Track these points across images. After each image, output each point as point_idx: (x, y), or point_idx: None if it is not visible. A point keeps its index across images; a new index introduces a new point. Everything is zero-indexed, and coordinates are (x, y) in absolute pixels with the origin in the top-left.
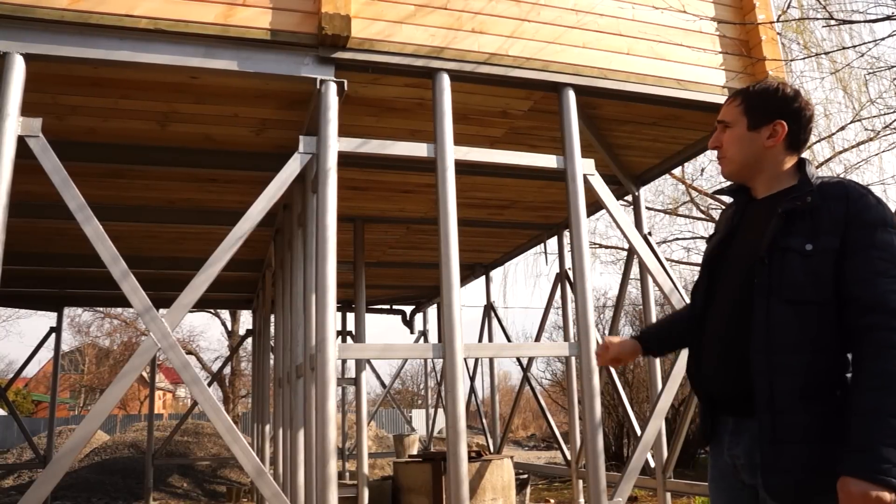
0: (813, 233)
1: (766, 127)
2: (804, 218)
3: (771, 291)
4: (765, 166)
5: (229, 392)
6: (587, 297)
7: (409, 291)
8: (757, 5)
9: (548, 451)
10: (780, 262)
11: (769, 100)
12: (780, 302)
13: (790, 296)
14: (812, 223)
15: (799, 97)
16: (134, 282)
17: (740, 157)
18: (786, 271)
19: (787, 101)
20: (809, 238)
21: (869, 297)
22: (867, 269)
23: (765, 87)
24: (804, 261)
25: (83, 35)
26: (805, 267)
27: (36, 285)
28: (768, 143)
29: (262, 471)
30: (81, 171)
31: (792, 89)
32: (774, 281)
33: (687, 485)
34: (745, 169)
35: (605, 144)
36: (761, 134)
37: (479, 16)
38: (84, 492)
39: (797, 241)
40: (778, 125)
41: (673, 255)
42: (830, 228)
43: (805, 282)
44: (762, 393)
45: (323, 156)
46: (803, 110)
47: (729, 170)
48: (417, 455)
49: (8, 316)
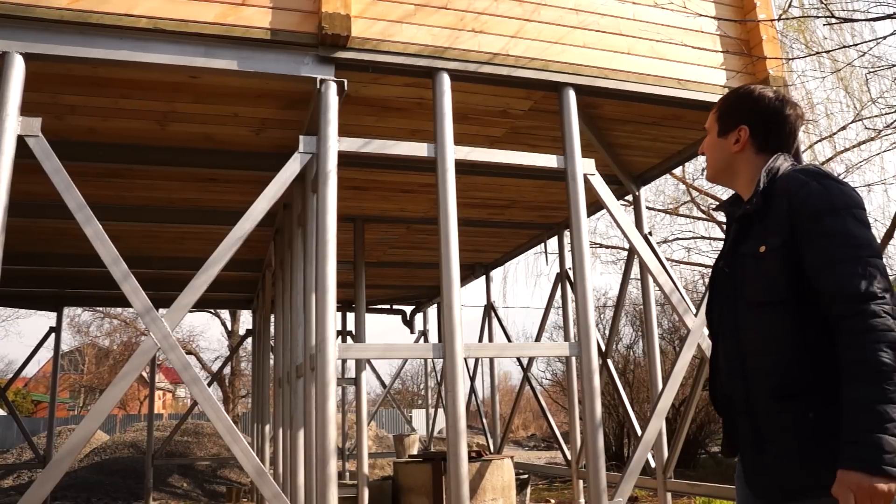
0: (765, 235)
1: (733, 132)
2: (758, 221)
3: (736, 298)
4: (738, 171)
5: (229, 392)
6: (587, 296)
7: (410, 291)
8: (758, 4)
9: (548, 451)
10: (741, 268)
11: (735, 105)
12: (745, 307)
13: (751, 299)
14: (764, 225)
15: (764, 100)
16: (134, 282)
17: (714, 162)
18: (745, 276)
19: (751, 105)
20: (762, 241)
21: (830, 288)
22: (822, 259)
23: (734, 93)
24: (758, 263)
25: (83, 34)
26: (759, 269)
27: (36, 285)
28: (734, 148)
29: (263, 471)
30: (81, 170)
31: (761, 93)
32: (738, 287)
33: (688, 485)
34: (720, 173)
35: (606, 144)
36: (729, 139)
37: (481, 16)
38: (84, 492)
39: (751, 245)
40: (741, 130)
41: (673, 255)
42: (776, 226)
43: (761, 284)
44: (739, 396)
45: (323, 156)
46: (771, 113)
47: (708, 174)
48: (417, 455)
49: (8, 316)
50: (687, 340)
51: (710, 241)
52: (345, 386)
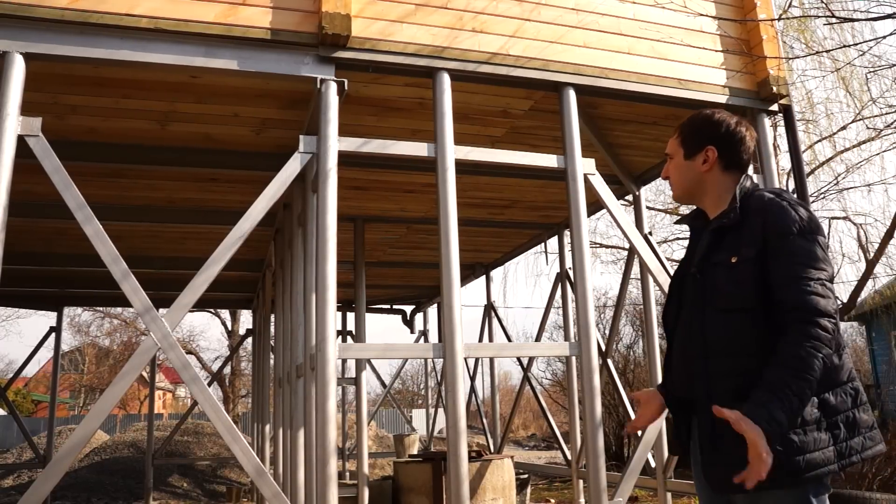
0: (736, 246)
1: (700, 154)
2: (731, 233)
3: (705, 302)
4: (707, 189)
5: (229, 392)
6: (588, 296)
7: (410, 291)
8: (758, 4)
9: (548, 450)
10: (712, 275)
11: (699, 129)
12: (713, 311)
13: (720, 304)
14: (737, 237)
15: (725, 122)
16: (134, 282)
17: (683, 183)
18: (716, 283)
19: (715, 127)
20: (734, 251)
21: (790, 300)
22: (786, 274)
23: (695, 118)
24: (729, 272)
25: (83, 34)
26: (730, 277)
27: (36, 285)
28: (703, 168)
29: (263, 471)
30: (82, 170)
31: (720, 116)
32: (708, 292)
33: (688, 485)
34: (688, 193)
35: (606, 144)
36: (696, 161)
37: (480, 15)
38: (84, 492)
39: (724, 255)
40: (709, 151)
41: (674, 255)
42: (750, 240)
43: (731, 291)
44: (701, 394)
45: (323, 155)
46: (732, 134)
47: (676, 195)
48: (418, 455)
49: (8, 316)
50: None
51: None
52: (345, 386)
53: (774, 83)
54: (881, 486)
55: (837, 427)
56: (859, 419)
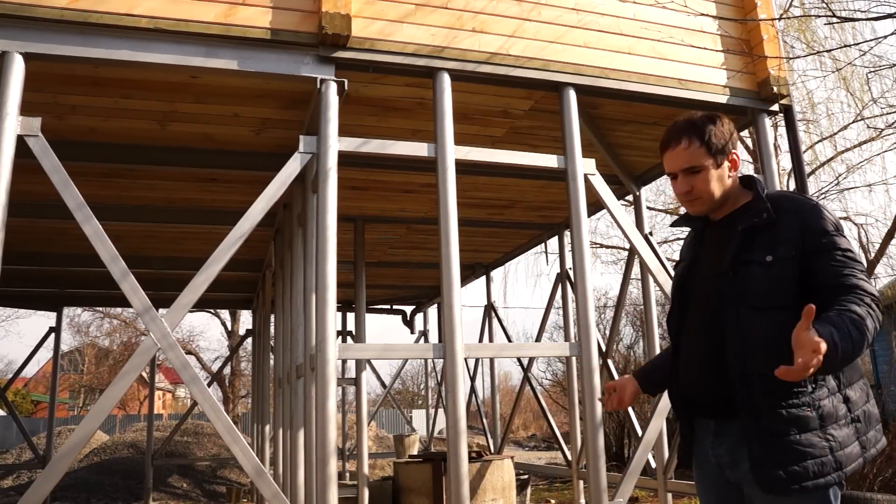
0: (771, 245)
1: (727, 160)
2: (762, 232)
3: (739, 301)
4: (728, 193)
5: (229, 392)
6: (588, 297)
7: (410, 291)
8: (759, 3)
9: (548, 451)
10: (745, 273)
11: (721, 135)
12: (748, 310)
13: (756, 303)
14: (770, 236)
15: (728, 120)
16: (133, 281)
17: (718, 194)
18: (750, 281)
19: (729, 130)
20: (769, 250)
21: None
22: (838, 268)
23: (712, 125)
24: (765, 270)
25: (83, 34)
26: (767, 276)
27: (36, 285)
28: (732, 174)
29: (262, 471)
30: (82, 170)
31: (720, 116)
32: (741, 291)
33: (688, 485)
34: (716, 203)
35: (606, 144)
36: (724, 168)
37: (479, 15)
38: (84, 492)
39: (758, 254)
40: (734, 155)
41: (674, 255)
42: (787, 239)
43: (768, 289)
44: (742, 396)
45: (323, 155)
46: (732, 131)
47: (704, 208)
48: (418, 455)
49: (7, 316)
50: None
51: None
52: (345, 386)
53: (775, 83)
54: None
55: (859, 421)
56: (871, 413)
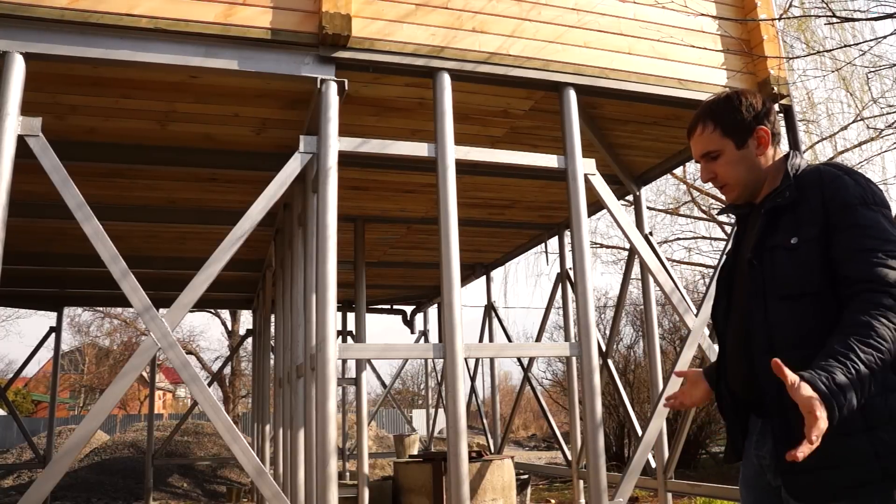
0: (796, 226)
1: (752, 138)
2: (787, 213)
3: (766, 291)
4: (763, 174)
5: (229, 392)
6: (588, 297)
7: (410, 291)
8: (759, 3)
9: (548, 451)
10: (770, 260)
11: (740, 112)
12: (775, 300)
13: (783, 291)
14: (794, 217)
15: (754, 95)
16: (134, 281)
17: (744, 178)
18: (776, 268)
19: (753, 105)
20: (793, 232)
21: (857, 273)
22: (852, 247)
23: (728, 104)
24: (791, 255)
25: (83, 34)
26: (792, 260)
27: (36, 285)
28: (759, 152)
29: (262, 471)
30: (82, 170)
31: (742, 93)
32: (767, 280)
33: (688, 485)
34: (749, 188)
35: (606, 144)
36: (749, 148)
37: (479, 15)
38: (84, 492)
39: (782, 237)
40: (761, 131)
41: (674, 255)
42: (810, 218)
43: (795, 275)
44: (771, 393)
45: (323, 155)
46: (764, 105)
47: (736, 194)
48: (418, 455)
49: (8, 316)
50: (687, 340)
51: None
52: (345, 386)
53: (775, 83)
54: None
55: None
56: None
